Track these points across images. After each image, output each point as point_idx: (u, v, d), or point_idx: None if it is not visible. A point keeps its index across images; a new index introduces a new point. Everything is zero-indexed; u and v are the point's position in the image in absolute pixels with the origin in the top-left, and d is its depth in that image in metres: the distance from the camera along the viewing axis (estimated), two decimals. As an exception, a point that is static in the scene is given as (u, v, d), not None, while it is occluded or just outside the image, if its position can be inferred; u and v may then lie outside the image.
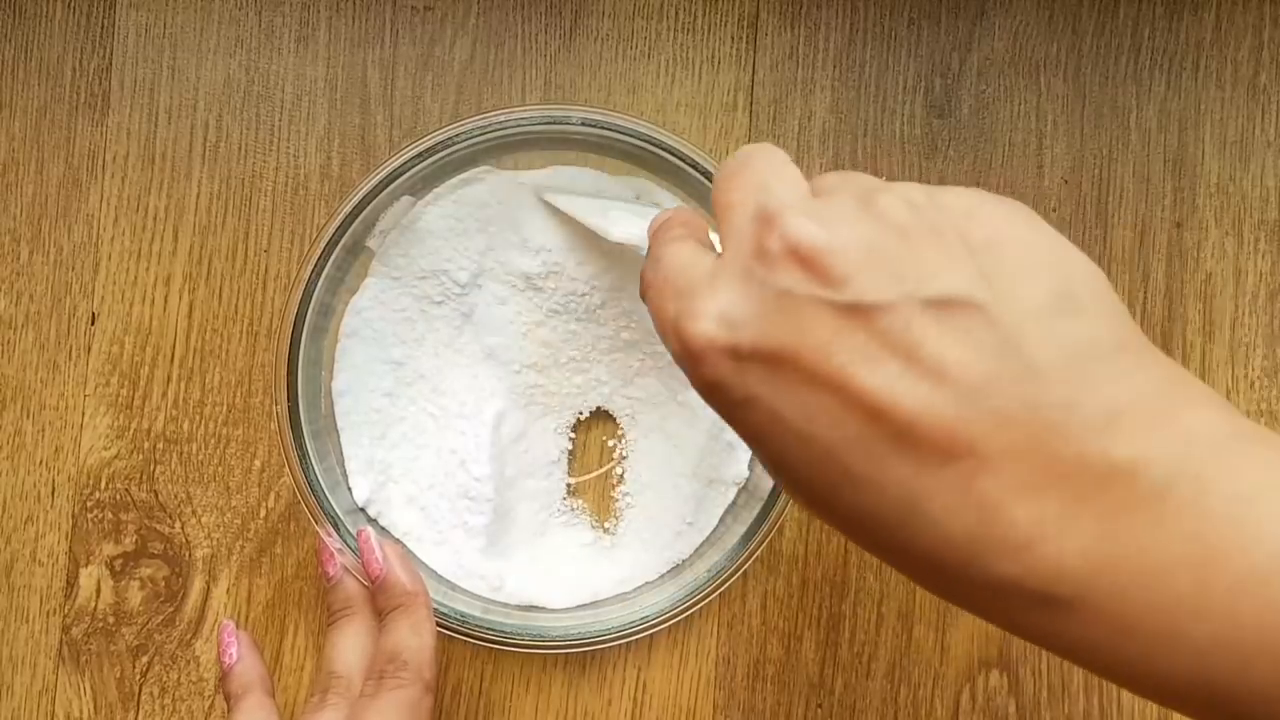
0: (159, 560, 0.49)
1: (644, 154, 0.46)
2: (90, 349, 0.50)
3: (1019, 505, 0.24)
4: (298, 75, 0.50)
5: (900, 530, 0.25)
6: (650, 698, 0.49)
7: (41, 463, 0.49)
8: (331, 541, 0.45)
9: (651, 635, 0.47)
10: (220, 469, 0.49)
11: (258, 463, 0.49)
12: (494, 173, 0.48)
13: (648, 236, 0.33)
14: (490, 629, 0.46)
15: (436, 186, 0.48)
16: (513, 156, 0.48)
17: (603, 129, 0.46)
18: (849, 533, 0.27)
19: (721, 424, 0.39)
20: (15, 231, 0.50)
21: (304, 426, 0.46)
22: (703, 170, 0.45)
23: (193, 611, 0.49)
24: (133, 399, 0.49)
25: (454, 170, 0.47)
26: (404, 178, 0.46)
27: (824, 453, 0.26)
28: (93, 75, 0.50)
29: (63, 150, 0.50)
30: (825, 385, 0.25)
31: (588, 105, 0.49)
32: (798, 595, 0.49)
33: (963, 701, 0.49)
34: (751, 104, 0.50)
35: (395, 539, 0.48)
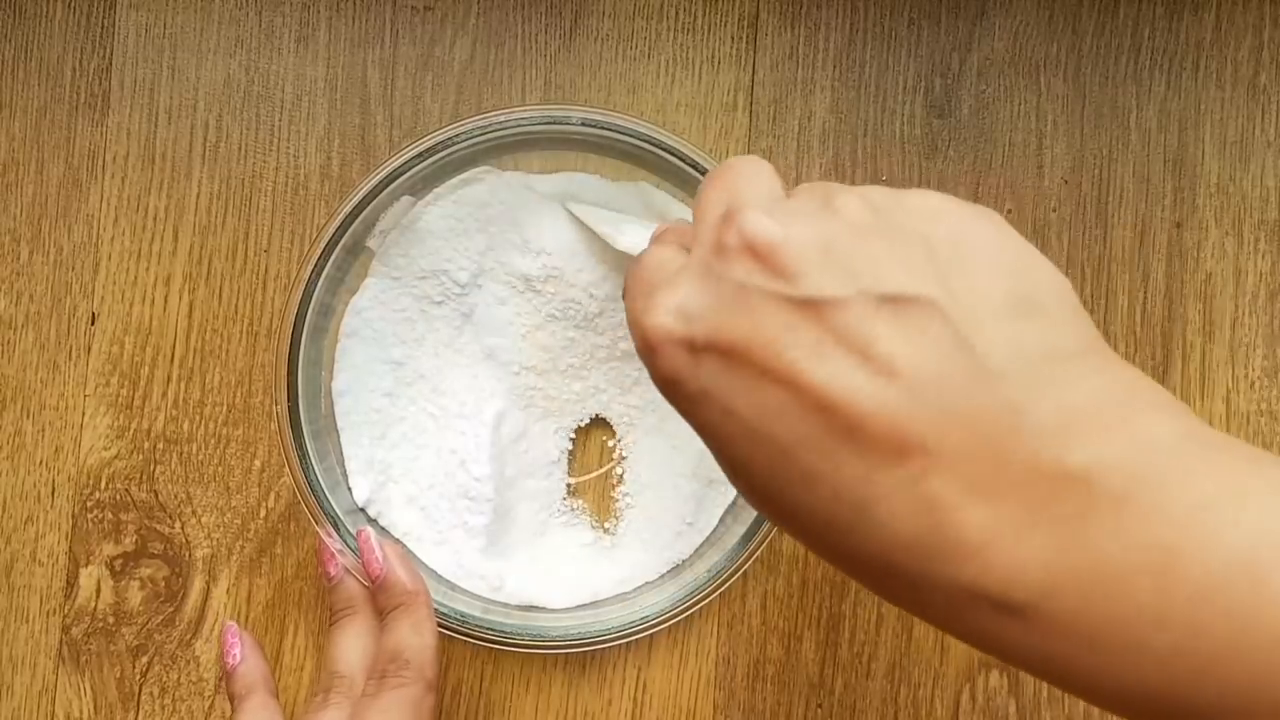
0: (159, 560, 0.49)
1: (644, 154, 0.46)
2: (90, 349, 0.50)
3: (971, 507, 0.24)
4: (298, 75, 0.50)
5: (850, 534, 0.25)
6: (650, 698, 0.49)
7: (41, 463, 0.49)
8: (332, 542, 0.45)
9: (651, 635, 0.47)
10: (220, 469, 0.49)
11: (258, 463, 0.49)
12: (494, 173, 0.48)
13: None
14: (490, 629, 0.46)
15: (436, 186, 0.48)
16: (513, 156, 0.48)
17: (603, 129, 0.46)
18: (800, 535, 0.27)
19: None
20: (15, 231, 0.50)
21: (304, 426, 0.46)
22: (703, 170, 0.45)
23: (193, 611, 0.49)
24: (133, 399, 0.49)
25: (454, 170, 0.47)
26: (404, 178, 0.46)
27: (776, 450, 0.25)
28: (93, 75, 0.50)
29: (63, 150, 0.50)
30: (777, 380, 0.25)
31: (588, 105, 0.49)
32: (798, 595, 0.49)
33: (963, 701, 0.49)
34: (751, 104, 0.50)
35: (395, 539, 0.48)
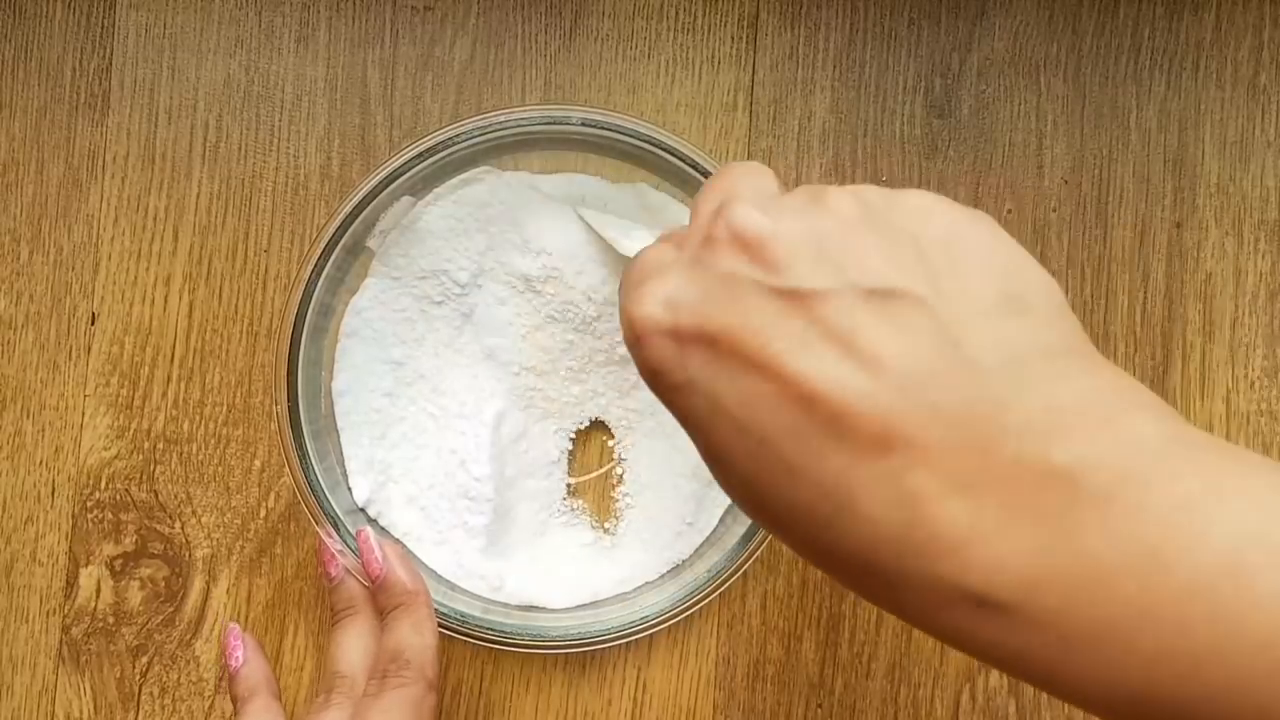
0: (159, 560, 0.49)
1: (644, 154, 0.46)
2: (90, 349, 0.50)
3: (953, 503, 0.24)
4: (298, 75, 0.50)
5: (829, 528, 0.25)
6: (650, 698, 0.49)
7: (41, 463, 0.49)
8: (332, 543, 0.45)
9: (651, 635, 0.47)
10: (220, 469, 0.49)
11: (258, 463, 0.49)
12: (494, 173, 0.48)
13: None
14: (490, 629, 0.46)
15: (436, 186, 0.48)
16: (513, 156, 0.48)
17: (603, 129, 0.46)
18: (779, 529, 0.27)
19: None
20: (15, 231, 0.50)
21: (304, 426, 0.46)
22: (703, 170, 0.45)
23: (193, 612, 0.49)
24: (133, 399, 0.49)
25: (454, 170, 0.47)
26: (404, 178, 0.46)
27: (759, 442, 0.25)
28: (93, 75, 0.50)
29: (63, 150, 0.50)
30: (761, 370, 0.25)
31: (588, 105, 0.49)
32: (798, 595, 0.49)
33: (963, 701, 0.49)
34: (751, 104, 0.50)
35: (395, 539, 0.48)
